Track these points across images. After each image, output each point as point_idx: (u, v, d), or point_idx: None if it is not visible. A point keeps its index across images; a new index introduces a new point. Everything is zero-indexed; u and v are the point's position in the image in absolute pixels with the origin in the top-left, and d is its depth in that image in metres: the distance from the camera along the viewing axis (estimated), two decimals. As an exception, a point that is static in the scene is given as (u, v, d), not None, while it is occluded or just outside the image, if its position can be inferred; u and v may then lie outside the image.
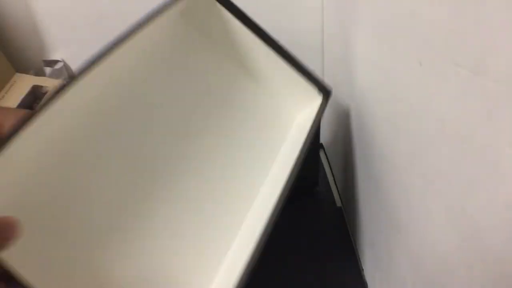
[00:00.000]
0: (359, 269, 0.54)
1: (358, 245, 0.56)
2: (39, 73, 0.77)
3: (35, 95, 0.71)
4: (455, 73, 0.22)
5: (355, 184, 0.53)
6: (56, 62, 0.77)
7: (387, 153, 0.38)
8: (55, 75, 0.76)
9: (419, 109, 0.29)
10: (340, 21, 0.52)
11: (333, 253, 0.57)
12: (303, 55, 0.52)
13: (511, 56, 0.17)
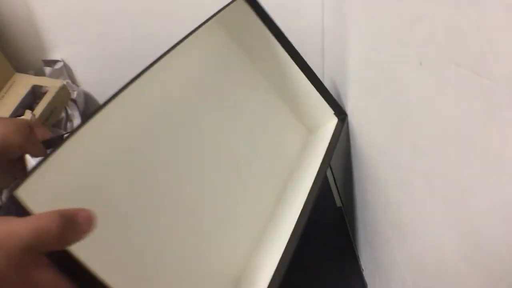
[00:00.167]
0: (359, 269, 0.54)
1: (358, 245, 0.56)
2: (39, 73, 0.77)
3: (34, 94, 0.71)
4: (455, 73, 0.22)
5: (355, 184, 0.53)
6: (56, 62, 0.77)
7: (387, 153, 0.38)
8: (55, 75, 0.76)
9: (419, 109, 0.29)
10: (340, 21, 0.52)
11: (333, 253, 0.57)
12: (303, 55, 0.52)
13: (511, 56, 0.18)
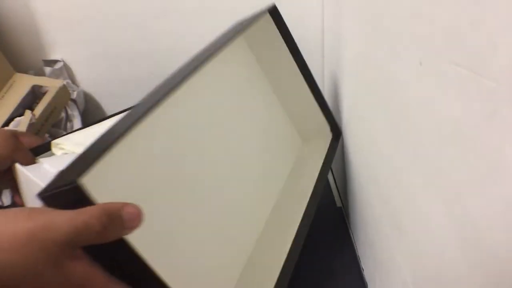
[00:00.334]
0: (359, 269, 0.54)
1: (358, 245, 0.56)
2: (38, 73, 0.77)
3: (34, 94, 0.71)
4: (455, 73, 0.22)
5: (355, 184, 0.53)
6: (55, 62, 0.77)
7: (387, 153, 0.38)
8: (54, 75, 0.76)
9: (419, 109, 0.29)
10: (340, 21, 0.52)
11: (333, 253, 0.57)
12: (303, 55, 0.52)
13: (511, 56, 0.17)
